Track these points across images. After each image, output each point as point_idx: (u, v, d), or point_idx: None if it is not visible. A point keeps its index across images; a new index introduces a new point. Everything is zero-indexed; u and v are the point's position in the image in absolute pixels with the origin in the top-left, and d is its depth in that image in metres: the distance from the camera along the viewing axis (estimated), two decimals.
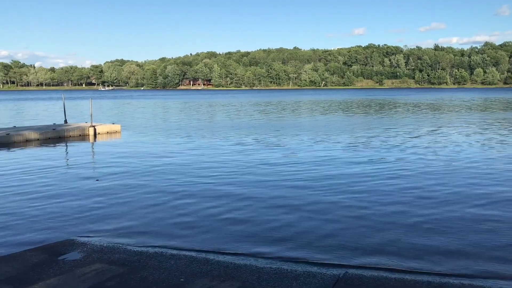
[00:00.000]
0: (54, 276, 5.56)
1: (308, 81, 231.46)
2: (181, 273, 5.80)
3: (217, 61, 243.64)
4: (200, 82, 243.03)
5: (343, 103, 64.90)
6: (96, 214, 9.22)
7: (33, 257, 6.29)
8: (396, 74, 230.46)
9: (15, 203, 10.12)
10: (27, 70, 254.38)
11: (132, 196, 10.67)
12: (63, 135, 23.12)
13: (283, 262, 6.56)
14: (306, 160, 15.53)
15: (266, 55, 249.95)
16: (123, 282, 5.43)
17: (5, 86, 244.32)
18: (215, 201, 10.18)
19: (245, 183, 12.00)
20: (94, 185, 11.94)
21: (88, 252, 6.58)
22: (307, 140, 21.36)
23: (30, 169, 14.41)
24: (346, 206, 9.69)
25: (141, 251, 6.74)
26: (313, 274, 5.92)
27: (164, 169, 14.08)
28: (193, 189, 11.37)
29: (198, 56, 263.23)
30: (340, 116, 39.27)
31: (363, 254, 6.96)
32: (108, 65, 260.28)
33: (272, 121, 33.64)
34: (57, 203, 10.15)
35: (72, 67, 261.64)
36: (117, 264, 6.05)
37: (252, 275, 5.82)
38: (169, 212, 9.36)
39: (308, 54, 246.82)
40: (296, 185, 11.73)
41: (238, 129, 26.87)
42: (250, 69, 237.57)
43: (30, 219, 8.91)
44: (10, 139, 21.10)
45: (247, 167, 14.33)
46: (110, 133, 25.09)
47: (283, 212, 9.26)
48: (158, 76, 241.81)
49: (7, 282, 5.40)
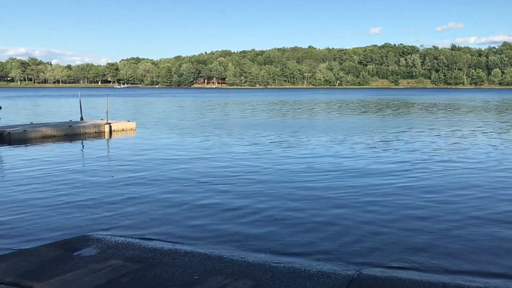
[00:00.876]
0: (70, 272, 5.61)
1: (323, 80, 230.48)
2: (195, 271, 5.80)
3: (232, 60, 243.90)
4: (214, 81, 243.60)
5: (360, 103, 64.48)
6: (111, 211, 9.29)
7: (49, 253, 6.36)
8: (412, 74, 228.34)
9: (30, 199, 10.25)
10: (44, 67, 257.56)
11: (146, 193, 10.73)
12: (79, 132, 23.36)
13: (297, 261, 6.53)
14: (323, 162, 15.44)
15: (281, 54, 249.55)
16: (138, 279, 5.45)
17: (23, 83, 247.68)
18: (229, 200, 10.18)
19: (263, 183, 11.96)
20: (109, 182, 12.03)
21: (103, 248, 6.63)
22: (326, 141, 21.10)
23: (46, 165, 14.57)
24: (360, 206, 9.62)
25: (156, 248, 6.76)
26: (327, 274, 5.88)
27: (179, 167, 14.13)
28: (209, 187, 11.39)
29: (212, 54, 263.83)
30: (357, 116, 39.03)
31: (378, 255, 6.90)
32: (124, 63, 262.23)
33: (289, 120, 33.57)
34: (72, 199, 10.25)
35: (88, 65, 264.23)
36: (131, 261, 6.08)
37: (265, 273, 5.81)
38: (183, 209, 9.39)
39: (323, 53, 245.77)
40: (311, 186, 11.68)
41: (254, 129, 26.84)
42: (265, 68, 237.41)
43: (45, 215, 9.01)
44: (27, 135, 21.38)
45: (265, 167, 14.31)
46: (125, 130, 25.28)
47: (296, 211, 9.23)
48: (173, 75, 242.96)
49: (23, 276, 5.47)
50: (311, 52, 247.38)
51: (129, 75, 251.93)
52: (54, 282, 5.26)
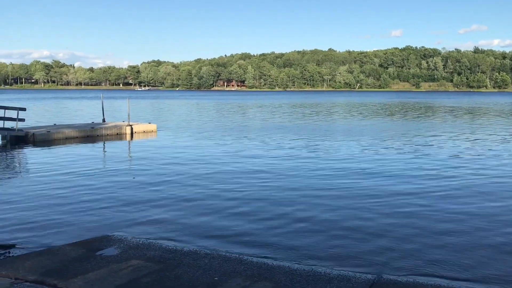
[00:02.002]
0: (92, 271, 5.70)
1: (343, 83, 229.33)
2: (215, 272, 5.84)
3: (251, 63, 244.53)
4: (234, 83, 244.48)
5: (382, 106, 63.92)
6: (131, 211, 9.40)
7: (71, 252, 6.47)
8: (434, 77, 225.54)
9: (53, 199, 10.44)
10: (67, 69, 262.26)
11: (167, 195, 10.83)
12: (101, 133, 23.70)
13: (316, 264, 6.52)
14: (348, 165, 15.31)
15: (301, 56, 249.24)
16: (159, 279, 5.51)
17: (46, 85, 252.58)
18: (249, 202, 10.21)
19: (284, 186, 11.95)
20: (130, 183, 12.18)
21: (124, 248, 6.71)
22: (351, 144, 20.72)
23: (68, 166, 14.83)
24: (382, 210, 9.54)
25: (176, 249, 6.82)
26: (347, 278, 5.85)
27: (200, 169, 14.22)
28: (228, 189, 11.43)
29: (232, 57, 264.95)
30: (382, 119, 38.71)
31: (399, 259, 6.83)
32: (145, 65, 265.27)
33: (312, 123, 33.48)
34: (94, 199, 10.40)
35: (110, 67, 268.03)
36: (152, 261, 6.14)
37: (285, 276, 5.81)
38: (203, 211, 9.44)
39: (343, 56, 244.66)
40: (332, 190, 11.63)
41: (277, 132, 26.79)
42: (284, 70, 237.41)
43: (67, 214, 9.16)
44: (51, 136, 21.79)
45: (286, 170, 14.30)
46: (146, 132, 25.55)
47: (317, 216, 9.20)
48: (193, 77, 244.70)
49: (47, 274, 5.57)
50: (331, 54, 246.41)
51: (150, 77, 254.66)
52: (77, 281, 5.35)
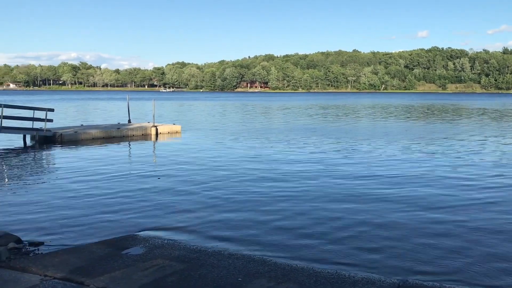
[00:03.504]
0: (119, 269, 5.79)
1: (367, 85, 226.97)
2: (239, 272, 5.86)
3: (275, 64, 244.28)
4: (257, 85, 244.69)
5: (409, 108, 63.07)
6: (156, 211, 9.52)
7: (98, 250, 6.58)
8: (461, 78, 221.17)
9: (79, 198, 10.64)
10: (94, 71, 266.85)
11: (191, 195, 10.92)
12: (127, 134, 24.05)
13: (341, 267, 6.48)
14: (379, 168, 14.99)
15: (325, 57, 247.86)
16: (184, 278, 5.56)
17: (73, 86, 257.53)
18: (274, 205, 10.21)
19: (312, 186, 11.92)
20: (155, 183, 12.32)
21: (149, 247, 6.80)
22: (384, 147, 20.17)
23: (95, 166, 15.09)
24: (411, 213, 9.42)
25: (200, 249, 6.87)
26: (372, 281, 5.79)
27: (224, 170, 14.29)
28: (253, 191, 11.45)
29: (256, 58, 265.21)
30: (411, 121, 38.22)
31: (425, 264, 6.73)
32: (170, 67, 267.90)
33: (339, 125, 33.29)
34: (119, 199, 10.57)
35: (135, 69, 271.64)
36: (177, 261, 6.21)
37: (309, 278, 5.79)
38: (227, 212, 9.49)
39: (368, 57, 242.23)
40: (362, 193, 11.54)
41: (305, 133, 26.75)
42: (308, 71, 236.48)
43: (94, 213, 9.33)
44: (78, 136, 22.22)
45: (316, 171, 14.26)
46: (171, 133, 25.81)
47: (343, 218, 9.14)
48: (217, 79, 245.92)
49: (75, 272, 5.69)
50: (356, 55, 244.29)
51: (175, 79, 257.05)
52: (104, 279, 5.45)
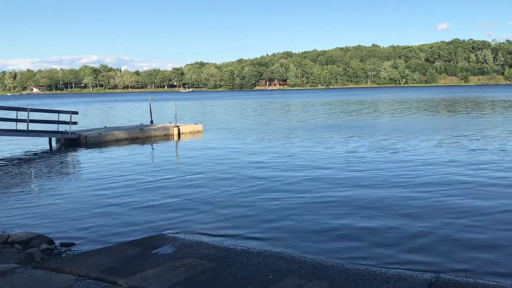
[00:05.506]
0: (150, 269, 5.84)
1: (388, 79, 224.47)
2: (269, 270, 5.85)
3: (293, 61, 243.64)
4: (276, 82, 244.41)
5: (434, 102, 62.18)
6: (183, 210, 9.59)
7: (129, 250, 6.66)
8: (483, 70, 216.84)
9: (106, 199, 10.79)
10: (114, 73, 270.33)
11: (216, 194, 10.97)
12: (150, 134, 24.30)
13: (372, 263, 6.43)
14: (413, 166, 14.33)
15: (343, 53, 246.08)
16: (214, 277, 5.58)
17: (95, 89, 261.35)
18: (299, 202, 10.19)
19: (338, 184, 11.83)
20: (180, 182, 12.42)
21: (179, 246, 6.84)
22: (419, 144, 18.90)
23: (120, 166, 15.28)
24: (443, 209, 9.29)
25: (229, 247, 6.89)
26: (403, 277, 5.72)
27: (248, 168, 14.32)
28: (279, 189, 11.44)
29: (274, 56, 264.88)
30: (439, 116, 37.71)
31: (458, 260, 6.63)
32: (189, 67, 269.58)
33: (365, 121, 33.05)
34: (146, 198, 10.67)
35: (155, 70, 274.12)
36: (207, 259, 6.23)
37: (340, 275, 5.75)
38: (252, 210, 9.50)
39: (388, 51, 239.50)
40: (392, 191, 11.42)
41: (331, 131, 26.60)
42: (327, 67, 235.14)
43: (121, 214, 9.45)
44: (102, 138, 22.53)
45: (343, 168, 14.18)
46: (193, 133, 25.98)
47: (373, 214, 9.06)
48: (236, 78, 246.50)
49: (107, 272, 5.76)
50: (375, 50, 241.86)
51: (194, 79, 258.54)
52: (136, 278, 5.50)
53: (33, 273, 5.83)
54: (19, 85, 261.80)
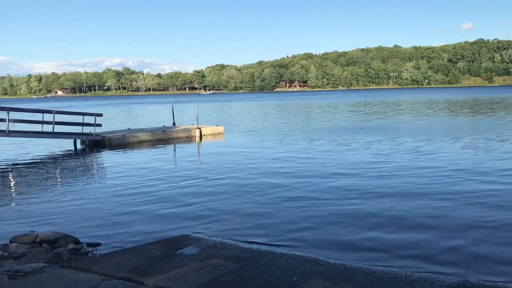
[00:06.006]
0: (175, 269, 5.90)
1: (410, 80, 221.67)
2: (293, 272, 5.85)
3: (314, 62, 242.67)
4: (296, 84, 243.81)
5: (460, 103, 61.21)
6: (205, 211, 9.65)
7: (154, 250, 6.73)
8: (509, 70, 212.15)
9: (130, 200, 10.92)
10: (137, 76, 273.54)
11: (238, 195, 11.00)
12: (172, 136, 24.51)
13: (397, 266, 6.36)
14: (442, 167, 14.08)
15: (365, 54, 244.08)
16: (239, 278, 5.60)
17: (117, 91, 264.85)
18: (323, 203, 10.15)
19: (361, 191, 11.74)
20: (203, 184, 12.49)
21: (203, 247, 6.89)
22: (451, 146, 18.48)
23: (144, 167, 15.45)
24: (472, 211, 9.13)
25: (252, 249, 6.91)
26: (430, 281, 5.65)
27: (270, 169, 14.31)
28: (301, 189, 11.41)
29: (294, 58, 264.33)
30: (465, 117, 37.14)
31: (485, 264, 6.50)
32: (209, 70, 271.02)
33: (388, 123, 32.75)
34: (169, 199, 10.78)
35: (176, 73, 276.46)
36: (231, 260, 6.26)
37: (365, 277, 5.71)
38: (274, 211, 9.49)
39: (410, 52, 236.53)
40: (424, 191, 11.30)
41: (351, 132, 26.48)
42: (348, 69, 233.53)
43: (145, 215, 9.55)
44: (126, 140, 22.83)
45: (370, 171, 14.07)
46: (214, 134, 26.11)
47: (400, 217, 8.95)
48: (256, 79, 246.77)
49: (134, 272, 5.84)
50: (397, 51, 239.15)
51: (214, 81, 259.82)
52: (161, 278, 5.56)
53: (61, 272, 5.95)
54: (44, 88, 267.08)
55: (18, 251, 7.18)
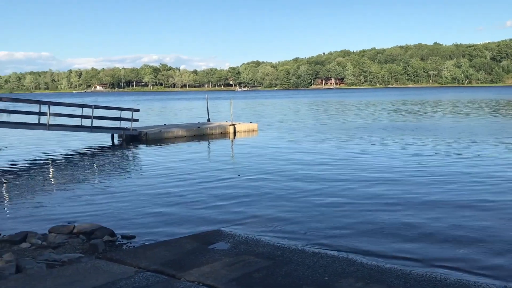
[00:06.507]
0: (207, 264, 5.94)
1: (450, 79, 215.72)
2: (324, 271, 5.79)
3: (351, 59, 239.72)
4: (332, 81, 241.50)
5: (505, 103, 59.18)
6: (237, 207, 9.70)
7: (187, 245, 6.80)
8: None
9: (164, 194, 11.09)
10: (173, 72, 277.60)
11: (270, 192, 11.00)
12: (207, 132, 24.73)
13: (432, 270, 6.20)
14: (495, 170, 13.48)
15: (403, 51, 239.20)
16: (270, 275, 5.59)
17: (154, 87, 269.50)
18: (357, 202, 10.02)
19: (402, 185, 11.55)
20: (235, 180, 12.55)
21: (234, 243, 6.91)
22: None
23: (178, 163, 15.66)
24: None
25: (284, 246, 6.88)
26: (466, 285, 5.48)
27: (303, 167, 14.24)
28: (337, 188, 11.31)
29: (331, 55, 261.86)
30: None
31: None
32: (245, 66, 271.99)
33: (425, 122, 32.06)
34: (202, 195, 10.89)
35: (212, 69, 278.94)
36: (262, 257, 6.25)
37: (398, 279, 5.59)
38: (306, 209, 9.44)
39: (450, 50, 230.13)
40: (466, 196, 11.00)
41: (388, 131, 26.05)
42: (386, 66, 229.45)
43: (179, 209, 9.68)
44: (162, 135, 23.20)
45: (412, 172, 13.83)
46: (248, 131, 26.18)
47: (438, 218, 8.73)
48: (291, 76, 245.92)
49: (167, 265, 5.92)
50: (437, 48, 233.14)
51: (249, 78, 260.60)
52: (193, 273, 5.61)
53: (96, 263, 6.09)
54: (84, 83, 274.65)
55: (56, 241, 7.42)
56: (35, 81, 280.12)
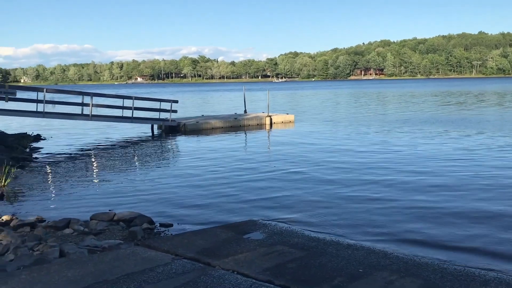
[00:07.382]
0: (242, 253, 6.03)
1: (495, 69, 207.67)
2: (359, 264, 5.76)
3: (391, 50, 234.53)
4: (372, 72, 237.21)
5: None
6: (272, 198, 9.77)
7: (222, 234, 6.91)
8: None
9: (202, 184, 11.26)
10: (211, 64, 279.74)
11: (306, 183, 11.00)
12: (243, 124, 24.88)
13: (470, 264, 6.07)
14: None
15: (446, 41, 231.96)
16: (304, 266, 5.62)
17: (193, 79, 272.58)
18: (395, 194, 9.88)
19: (448, 179, 11.30)
20: (271, 171, 12.59)
21: (269, 233, 6.97)
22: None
23: (215, 153, 15.87)
24: None
25: (318, 238, 6.88)
26: (506, 282, 5.33)
27: (341, 159, 14.14)
28: (375, 181, 11.17)
29: (370, 45, 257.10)
30: None
31: None
32: (282, 57, 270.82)
33: (472, 115, 31.15)
34: (237, 186, 11.01)
35: (249, 61, 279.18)
36: (296, 248, 6.28)
37: (434, 273, 5.50)
38: (342, 201, 9.39)
39: (496, 39, 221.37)
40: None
41: (431, 123, 25.45)
42: (427, 56, 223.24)
43: (215, 199, 9.82)
44: (199, 126, 23.51)
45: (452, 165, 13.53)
46: (284, 123, 26.16)
47: (478, 216, 8.48)
48: (329, 67, 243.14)
49: (202, 253, 6.04)
50: (482, 38, 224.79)
51: (287, 69, 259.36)
52: (228, 261, 5.71)
53: (135, 249, 6.29)
54: (125, 75, 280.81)
55: (98, 228, 7.70)
56: (79, 73, 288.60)
